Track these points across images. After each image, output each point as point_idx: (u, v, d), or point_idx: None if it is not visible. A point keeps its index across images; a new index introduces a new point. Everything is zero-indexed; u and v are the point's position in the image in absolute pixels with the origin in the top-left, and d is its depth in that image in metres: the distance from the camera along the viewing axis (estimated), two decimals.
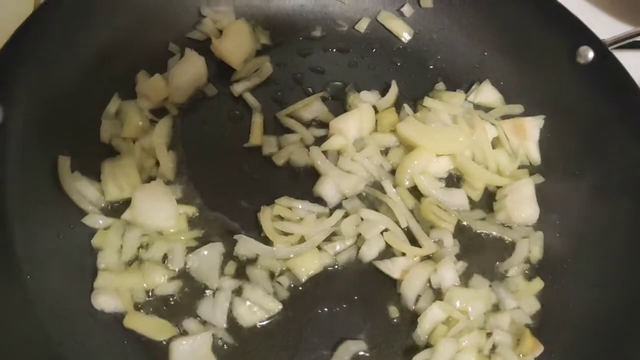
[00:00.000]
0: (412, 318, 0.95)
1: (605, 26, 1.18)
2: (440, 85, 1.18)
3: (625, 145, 1.05)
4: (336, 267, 0.98)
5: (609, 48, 1.10)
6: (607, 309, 0.95)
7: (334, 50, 1.20)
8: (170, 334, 0.90)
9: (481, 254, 1.02)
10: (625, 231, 1.00)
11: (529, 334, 0.93)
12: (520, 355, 0.93)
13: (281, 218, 0.99)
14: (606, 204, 1.03)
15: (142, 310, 0.91)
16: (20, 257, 0.88)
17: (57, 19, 1.00)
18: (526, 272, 1.02)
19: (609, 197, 1.04)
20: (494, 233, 1.04)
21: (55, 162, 0.97)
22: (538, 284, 1.00)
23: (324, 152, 1.06)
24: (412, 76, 1.19)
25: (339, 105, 1.14)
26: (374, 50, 1.21)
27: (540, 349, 0.92)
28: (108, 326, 0.89)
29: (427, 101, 1.13)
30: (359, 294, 0.96)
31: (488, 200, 1.08)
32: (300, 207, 1.00)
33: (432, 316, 0.93)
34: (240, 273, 0.95)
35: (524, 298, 0.98)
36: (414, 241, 1.00)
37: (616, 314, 0.94)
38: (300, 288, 0.96)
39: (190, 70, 1.09)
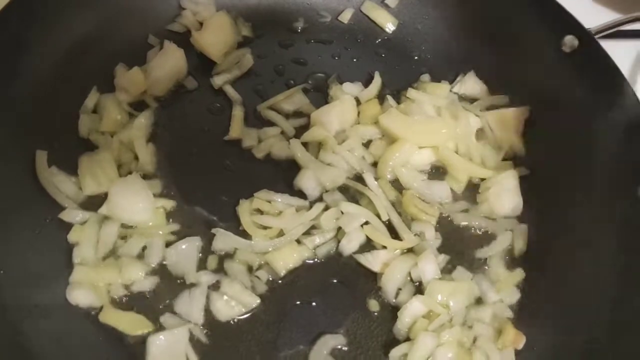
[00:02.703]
0: (392, 312, 0.93)
1: (591, 15, 1.16)
2: (426, 77, 1.16)
3: (612, 136, 1.03)
4: (315, 260, 0.97)
5: (595, 37, 1.08)
6: (592, 303, 0.94)
7: (317, 41, 1.18)
8: (147, 329, 0.89)
9: (463, 247, 1.00)
10: (612, 225, 0.98)
11: (510, 325, 0.92)
12: (502, 348, 0.91)
13: (260, 212, 0.98)
14: (592, 197, 1.02)
15: (118, 306, 0.90)
16: None
17: (34, 10, 0.99)
18: (507, 259, 1.00)
19: (596, 190, 1.02)
20: (477, 225, 1.02)
21: (32, 156, 0.96)
22: (519, 274, 0.99)
23: (305, 145, 1.05)
24: (396, 67, 1.18)
25: (321, 97, 1.12)
26: (357, 41, 1.20)
27: (522, 340, 0.91)
28: (83, 322, 0.88)
29: (411, 92, 1.11)
30: (339, 287, 0.95)
31: (471, 193, 1.06)
32: (279, 200, 0.99)
33: (412, 310, 0.92)
34: (219, 267, 0.94)
35: (504, 288, 0.97)
36: (395, 234, 0.98)
37: (601, 309, 0.92)
38: (279, 282, 0.95)
39: (169, 62, 1.08)
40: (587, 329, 0.92)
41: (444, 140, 1.06)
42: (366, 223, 0.98)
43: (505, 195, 1.03)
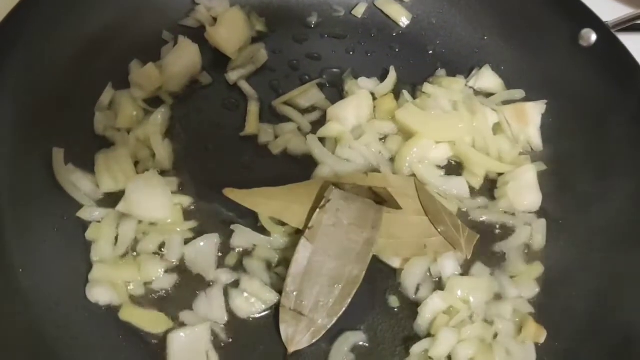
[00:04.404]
0: (412, 308, 0.93)
1: (609, 8, 1.16)
2: (441, 72, 1.16)
3: (629, 130, 1.02)
4: None
5: (612, 30, 1.08)
6: (612, 299, 0.93)
7: (331, 36, 1.18)
8: (167, 327, 0.88)
9: (483, 242, 0.99)
10: (630, 219, 0.98)
11: (531, 320, 0.92)
12: (523, 342, 0.91)
13: None
14: (610, 190, 1.01)
15: (138, 303, 0.90)
16: (13, 250, 0.87)
17: (47, 7, 0.99)
18: (526, 254, 1.00)
19: (613, 183, 1.01)
20: (496, 221, 1.02)
21: (49, 154, 0.96)
22: (538, 267, 0.98)
23: (322, 141, 1.04)
24: (411, 62, 1.17)
25: (336, 92, 1.12)
26: (371, 35, 1.19)
27: (543, 334, 0.91)
28: (103, 320, 0.88)
29: (427, 87, 1.11)
30: None
31: (489, 188, 1.06)
32: None
33: (432, 306, 0.91)
34: (238, 264, 0.94)
35: (524, 282, 0.97)
36: None
37: (622, 305, 0.92)
38: None
39: (184, 58, 1.07)
40: (610, 321, 0.91)
41: (461, 135, 1.05)
42: None
43: (523, 190, 1.02)
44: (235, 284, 0.92)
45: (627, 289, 0.93)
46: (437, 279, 0.95)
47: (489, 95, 1.14)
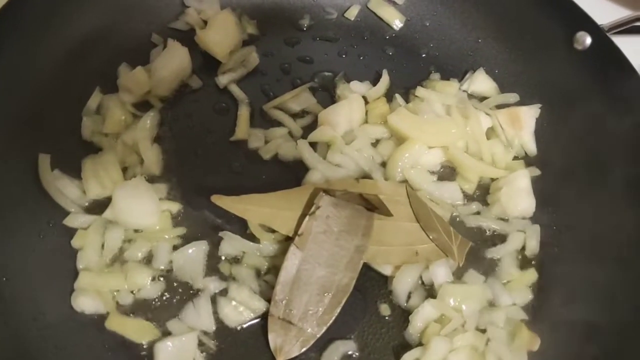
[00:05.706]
0: (404, 316, 0.92)
1: (604, 11, 1.14)
2: (435, 76, 1.15)
3: (625, 133, 1.01)
4: None
5: (608, 33, 1.06)
6: (607, 305, 0.92)
7: (323, 39, 1.17)
8: (154, 336, 0.87)
9: (475, 249, 0.98)
10: (626, 226, 0.96)
11: (525, 328, 0.90)
12: (516, 350, 0.90)
13: None
14: (605, 196, 1.00)
15: (124, 312, 0.88)
16: None
17: (33, 10, 0.97)
18: (519, 260, 0.99)
19: (608, 189, 1.00)
20: (489, 227, 1.01)
21: (35, 159, 0.94)
22: (532, 275, 0.97)
23: (313, 145, 1.03)
24: (404, 65, 1.16)
25: (328, 96, 1.11)
26: (364, 38, 1.18)
27: (537, 342, 0.90)
28: (89, 329, 0.87)
29: (420, 91, 1.09)
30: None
31: (483, 194, 1.04)
32: None
33: (424, 314, 0.90)
34: (226, 272, 0.93)
35: (517, 289, 0.96)
36: None
37: (616, 311, 0.91)
38: None
39: (173, 61, 1.06)
40: (603, 330, 0.90)
41: (454, 139, 1.04)
42: None
43: (517, 195, 1.01)
44: (224, 292, 0.91)
45: (622, 297, 0.92)
46: (429, 287, 0.94)
47: (482, 98, 1.12)
